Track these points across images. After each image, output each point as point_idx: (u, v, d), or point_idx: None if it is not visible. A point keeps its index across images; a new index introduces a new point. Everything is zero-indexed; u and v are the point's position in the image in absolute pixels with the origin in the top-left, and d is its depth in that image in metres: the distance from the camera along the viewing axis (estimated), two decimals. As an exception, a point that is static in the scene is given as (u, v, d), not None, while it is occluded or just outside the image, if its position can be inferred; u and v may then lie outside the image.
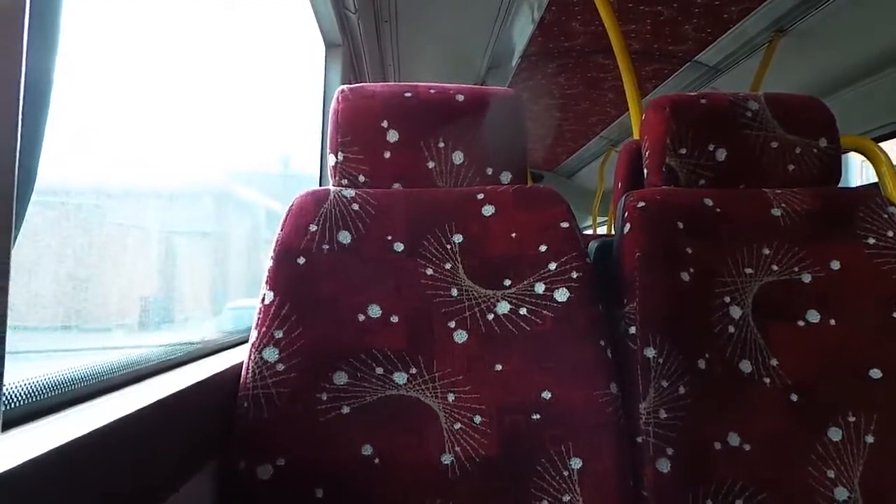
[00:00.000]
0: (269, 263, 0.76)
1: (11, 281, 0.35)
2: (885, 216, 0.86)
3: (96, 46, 0.58)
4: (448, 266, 0.79)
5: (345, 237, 0.78)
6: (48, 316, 0.56)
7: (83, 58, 0.52)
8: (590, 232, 4.82)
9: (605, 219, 5.37)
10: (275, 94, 1.28)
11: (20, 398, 0.44)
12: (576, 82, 2.97)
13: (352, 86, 0.89)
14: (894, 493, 0.73)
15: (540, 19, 2.23)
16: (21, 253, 0.38)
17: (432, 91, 0.88)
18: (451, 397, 0.73)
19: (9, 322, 0.35)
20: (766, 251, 0.84)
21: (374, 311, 0.75)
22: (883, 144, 1.93)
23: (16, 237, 0.36)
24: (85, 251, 0.62)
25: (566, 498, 0.69)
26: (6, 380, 0.36)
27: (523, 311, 0.76)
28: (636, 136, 1.53)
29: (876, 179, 1.56)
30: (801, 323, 0.81)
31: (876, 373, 0.77)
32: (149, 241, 0.78)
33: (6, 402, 0.41)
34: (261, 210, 1.26)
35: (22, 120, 0.35)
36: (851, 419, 0.76)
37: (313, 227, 0.78)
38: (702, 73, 2.66)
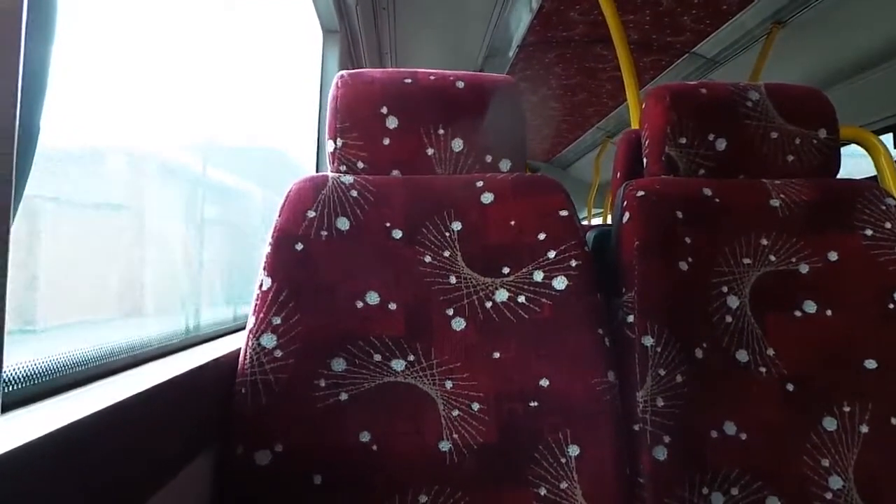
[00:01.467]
0: (266, 249, 0.76)
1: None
2: (883, 207, 0.86)
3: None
4: (447, 253, 0.78)
5: (343, 224, 0.78)
6: None
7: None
8: (585, 223, 4.84)
9: (600, 210, 5.38)
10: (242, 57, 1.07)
11: (20, 381, 0.43)
12: (573, 72, 2.96)
13: (351, 71, 0.88)
14: (888, 482, 0.74)
15: (538, 8, 2.22)
16: None
17: (432, 77, 0.87)
18: (448, 384, 0.73)
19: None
20: (765, 241, 0.84)
21: (373, 298, 0.75)
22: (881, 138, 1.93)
23: (14, 217, 0.35)
24: None
25: (563, 485, 0.69)
26: (6, 362, 0.36)
27: (522, 298, 0.76)
28: (634, 127, 1.53)
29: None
30: (797, 313, 0.81)
31: (871, 363, 0.78)
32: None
33: (6, 384, 0.41)
34: (200, 181, 0.95)
35: (21, 99, 0.34)
36: (846, 409, 0.76)
37: (311, 214, 0.77)
38: (700, 64, 2.66)
